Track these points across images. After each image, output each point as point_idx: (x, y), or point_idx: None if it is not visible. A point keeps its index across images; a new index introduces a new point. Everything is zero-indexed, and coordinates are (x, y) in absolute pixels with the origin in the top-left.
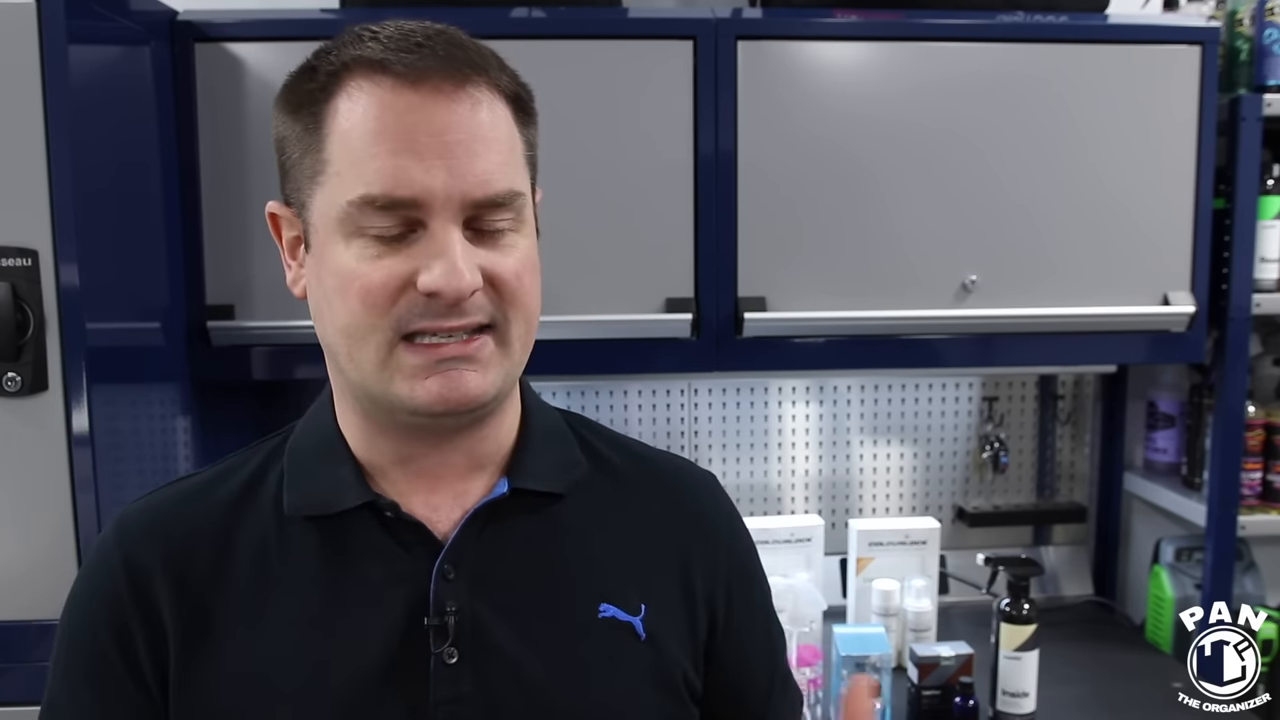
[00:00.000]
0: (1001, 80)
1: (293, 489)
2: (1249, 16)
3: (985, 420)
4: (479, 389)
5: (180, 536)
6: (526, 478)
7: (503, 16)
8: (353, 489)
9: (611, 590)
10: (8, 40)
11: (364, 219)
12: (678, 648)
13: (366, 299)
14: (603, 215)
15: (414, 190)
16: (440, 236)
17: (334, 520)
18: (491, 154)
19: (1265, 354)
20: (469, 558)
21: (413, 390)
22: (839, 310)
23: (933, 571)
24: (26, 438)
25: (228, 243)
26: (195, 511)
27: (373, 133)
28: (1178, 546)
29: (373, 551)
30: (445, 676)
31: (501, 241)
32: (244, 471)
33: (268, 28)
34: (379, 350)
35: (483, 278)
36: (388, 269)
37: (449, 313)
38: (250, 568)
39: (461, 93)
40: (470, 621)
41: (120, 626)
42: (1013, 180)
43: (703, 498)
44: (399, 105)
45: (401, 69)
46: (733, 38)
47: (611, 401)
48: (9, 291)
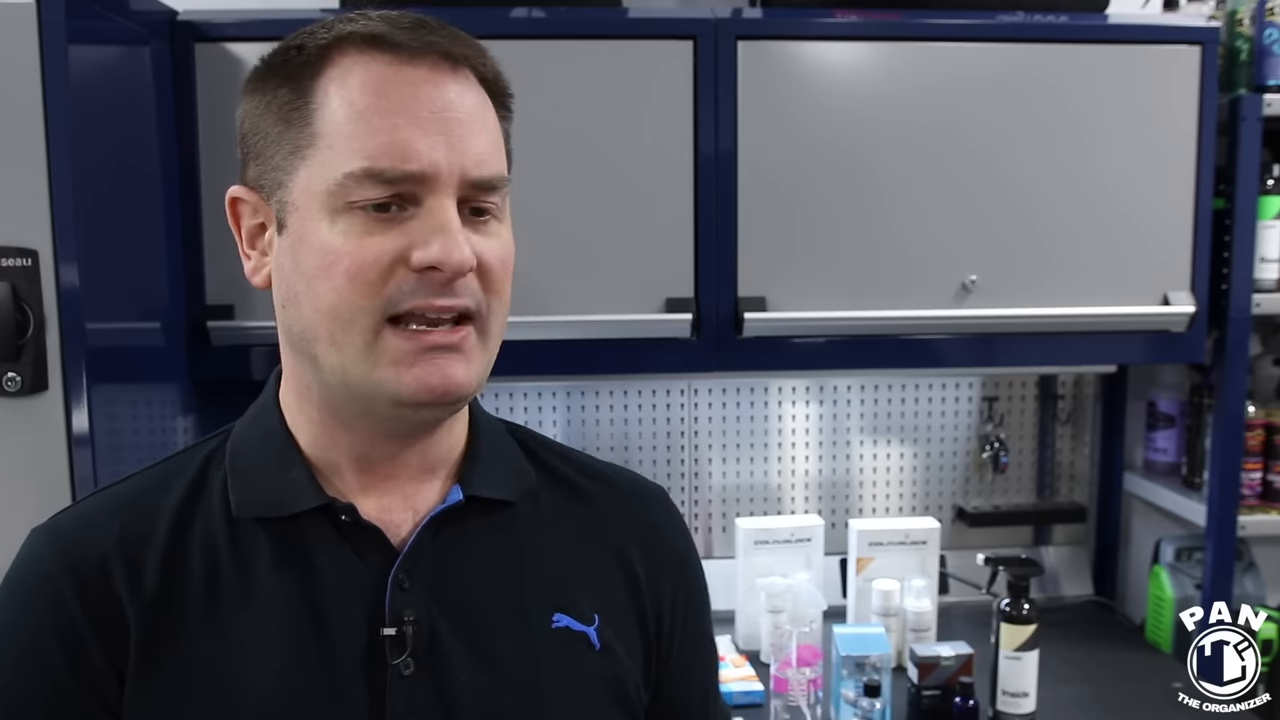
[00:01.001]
0: (1001, 80)
1: (240, 491)
2: (1249, 16)
3: (985, 420)
4: (463, 379)
5: (130, 541)
6: (480, 485)
7: (503, 16)
8: (306, 490)
9: (565, 600)
10: (8, 40)
11: (360, 192)
12: (629, 658)
13: (356, 277)
14: (603, 215)
15: (421, 164)
16: (438, 212)
17: (286, 523)
18: (485, 136)
19: (1265, 354)
20: (424, 567)
21: (398, 377)
22: (839, 310)
23: (933, 571)
24: (26, 438)
25: (228, 243)
26: (140, 516)
27: (373, 105)
28: (1178, 546)
29: (327, 557)
30: (402, 688)
31: (488, 227)
32: (185, 476)
33: (268, 28)
34: (365, 334)
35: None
36: (379, 246)
37: (441, 292)
38: (202, 572)
39: (458, 73)
40: (427, 632)
41: (74, 652)
42: (1013, 180)
43: (656, 510)
44: (400, 79)
45: (401, 43)
46: (733, 38)
47: (611, 401)
48: (9, 291)
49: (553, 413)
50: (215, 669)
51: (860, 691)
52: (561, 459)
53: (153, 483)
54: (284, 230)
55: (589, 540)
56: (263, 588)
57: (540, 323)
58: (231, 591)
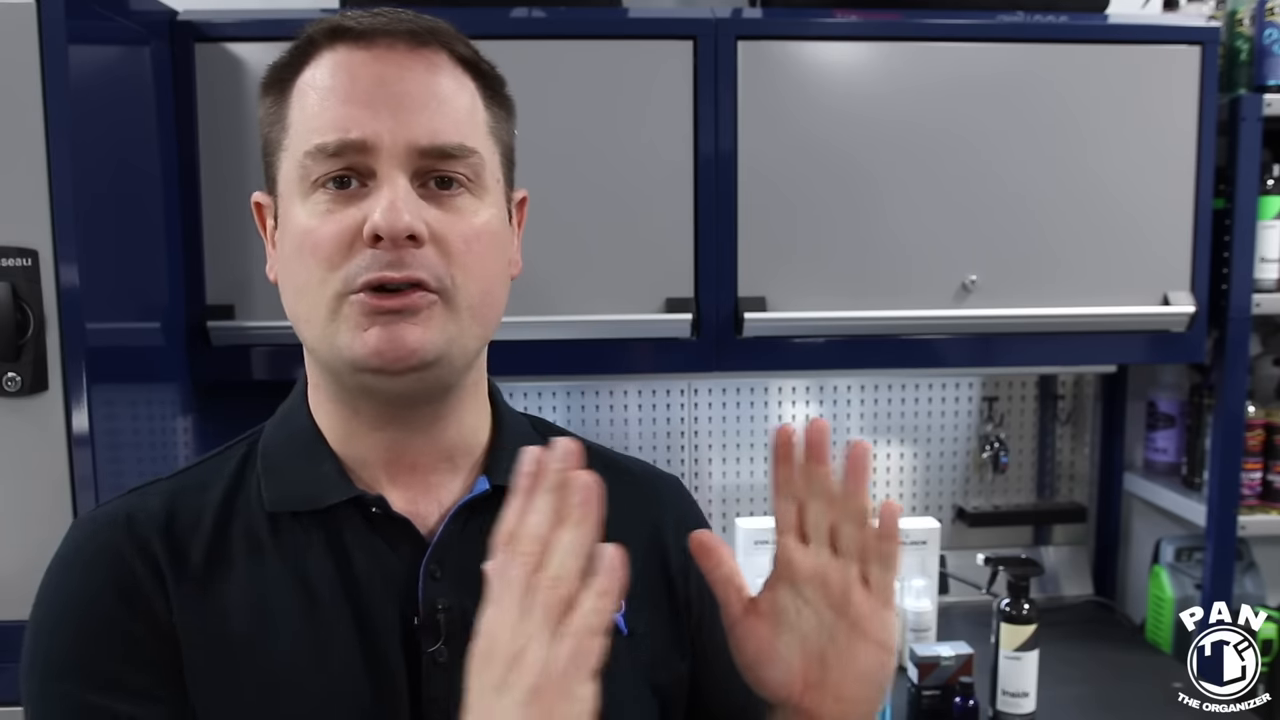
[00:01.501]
0: (1001, 80)
1: (274, 488)
2: (1249, 16)
3: (985, 420)
4: (417, 342)
5: (175, 529)
6: (505, 475)
7: (503, 16)
8: (337, 484)
9: None
10: (8, 40)
11: (317, 168)
12: (659, 643)
13: (317, 252)
14: (603, 215)
15: (362, 133)
16: (385, 183)
17: (320, 516)
18: (444, 109)
19: (1265, 354)
20: (453, 556)
21: (352, 341)
22: (839, 310)
23: (933, 571)
24: (26, 438)
25: (228, 243)
26: (184, 507)
27: (326, 88)
28: (1178, 546)
29: (360, 548)
30: (437, 675)
31: (454, 203)
32: (223, 476)
33: (268, 28)
34: (328, 304)
35: (431, 236)
36: (338, 221)
37: (394, 263)
38: (244, 560)
39: (417, 54)
40: (459, 620)
41: (137, 605)
42: (1013, 180)
43: (674, 497)
44: (352, 63)
45: (357, 30)
46: (733, 38)
47: (611, 401)
48: (9, 291)
49: (553, 413)
50: (260, 652)
51: None
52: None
53: (192, 482)
54: (278, 222)
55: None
56: (304, 576)
57: (540, 323)
58: (274, 579)
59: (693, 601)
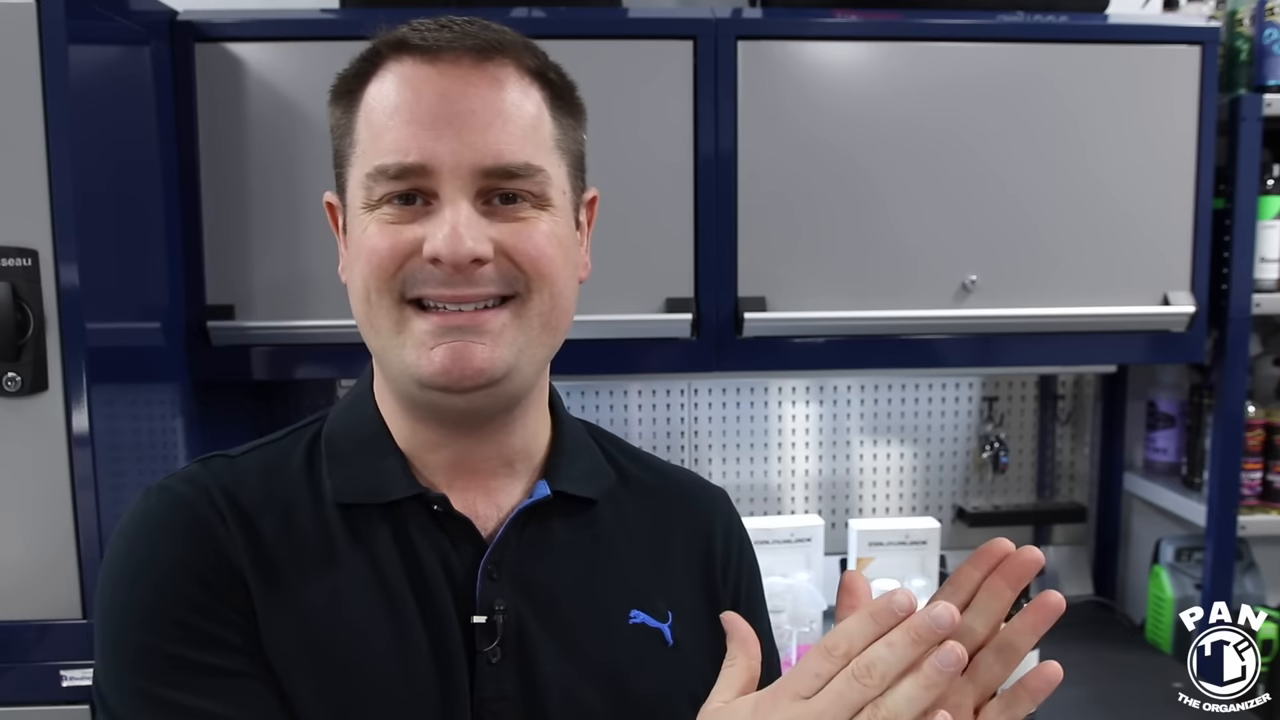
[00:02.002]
0: (1001, 80)
1: (338, 476)
2: (1249, 16)
3: (985, 420)
4: (485, 362)
5: (245, 503)
6: (566, 482)
7: (503, 16)
8: (400, 480)
9: (641, 597)
10: (8, 40)
11: (379, 188)
12: (703, 656)
13: (372, 261)
14: (603, 215)
15: (422, 156)
16: (447, 206)
17: (384, 510)
18: (508, 127)
19: (1265, 354)
20: (510, 558)
21: (419, 359)
22: (839, 310)
23: (933, 571)
24: (26, 438)
25: (228, 243)
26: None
27: (391, 106)
28: (1178, 546)
29: (423, 544)
30: (490, 675)
31: (519, 216)
32: (292, 459)
33: (268, 28)
34: (390, 313)
35: (497, 250)
36: (397, 235)
37: (457, 282)
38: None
39: (481, 69)
40: (515, 622)
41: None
42: (1013, 180)
43: (724, 510)
44: (416, 79)
45: (422, 46)
46: (733, 38)
47: (611, 401)
48: (9, 291)
49: None
50: (335, 631)
51: None
52: (632, 459)
53: (266, 465)
54: (346, 230)
55: (660, 540)
56: (375, 565)
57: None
58: (346, 566)
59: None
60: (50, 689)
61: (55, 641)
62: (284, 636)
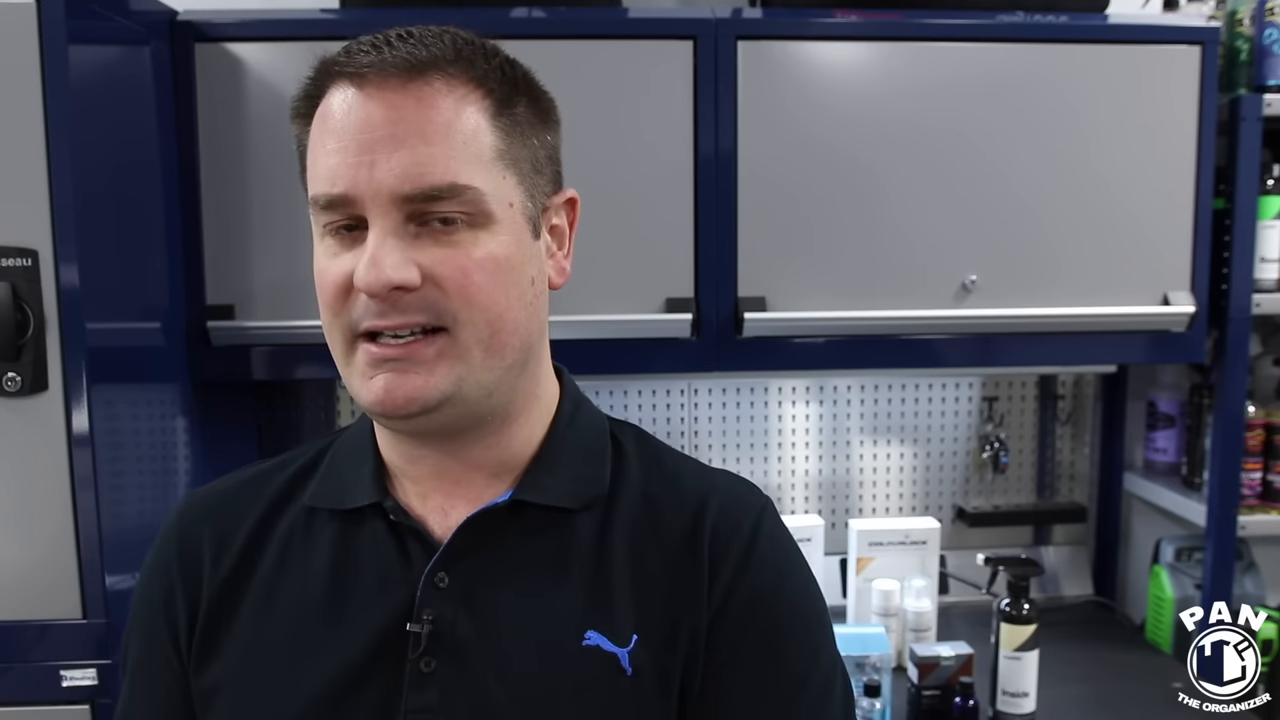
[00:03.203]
0: (1002, 80)
1: (319, 483)
2: (1249, 16)
3: (985, 420)
4: (417, 390)
5: (229, 519)
6: (532, 491)
7: (503, 16)
8: (367, 488)
9: (603, 618)
10: (8, 40)
11: (320, 218)
12: (663, 685)
13: (324, 296)
14: (603, 215)
15: (345, 186)
16: (369, 234)
17: (348, 516)
18: (431, 147)
19: (1265, 354)
20: (463, 567)
21: (361, 387)
22: (839, 310)
23: (933, 571)
24: (26, 438)
25: (228, 243)
26: (248, 498)
27: (322, 134)
28: (1178, 546)
29: (375, 551)
30: (417, 685)
31: (450, 239)
32: (297, 464)
33: (268, 28)
34: (341, 346)
35: (425, 277)
36: (339, 268)
37: (383, 312)
38: (275, 555)
39: (406, 90)
40: (450, 632)
41: (168, 595)
42: (1013, 180)
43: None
44: (345, 105)
45: (352, 71)
46: (733, 38)
47: (611, 401)
48: (9, 291)
49: None
50: (260, 645)
51: (860, 691)
52: (658, 465)
53: (276, 468)
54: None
55: (648, 556)
56: (315, 574)
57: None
58: (289, 576)
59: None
60: (50, 689)
61: (55, 641)
62: (218, 677)
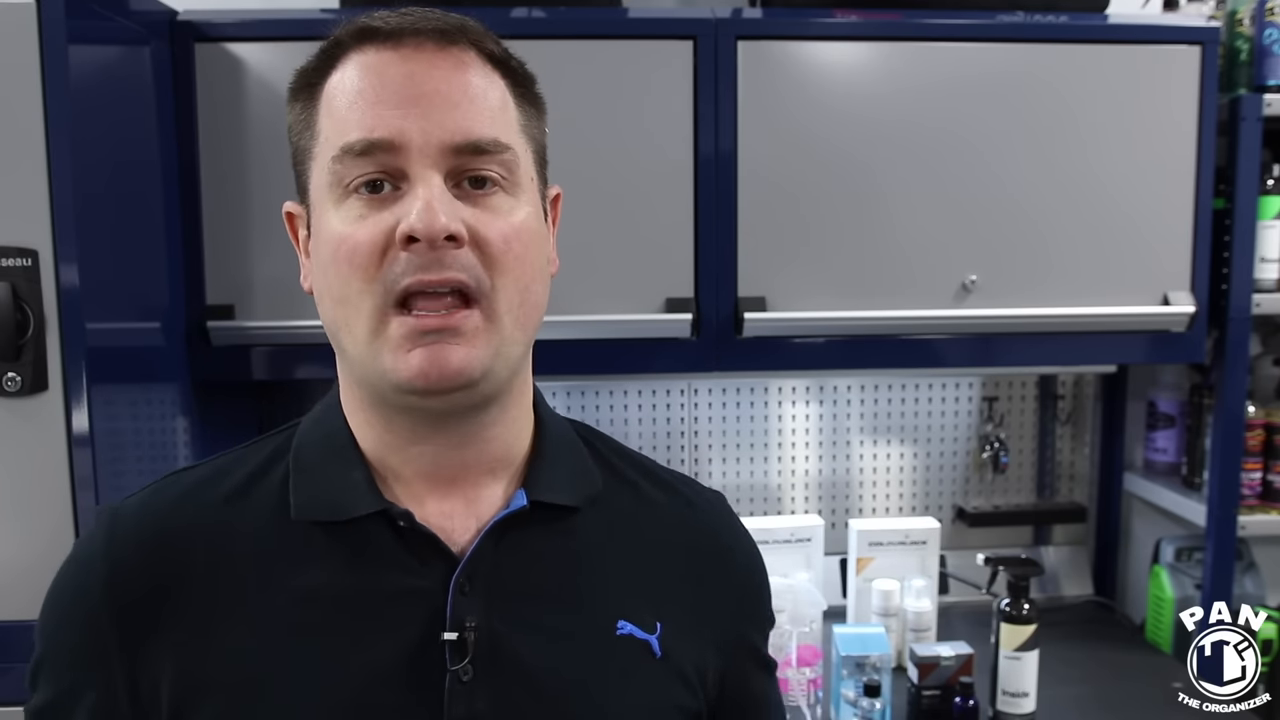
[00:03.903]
0: (1001, 80)
1: (300, 491)
2: (1249, 16)
3: (985, 420)
4: (462, 363)
5: (174, 537)
6: (544, 490)
7: (503, 16)
8: (365, 495)
9: (628, 607)
10: (8, 40)
11: (346, 171)
12: (691, 669)
13: (354, 259)
14: (603, 215)
15: (389, 132)
16: (419, 183)
17: (344, 527)
18: (475, 106)
19: (1265, 354)
20: (485, 572)
21: (396, 363)
22: (839, 310)
23: (933, 571)
24: (26, 438)
25: (228, 243)
26: (191, 510)
27: (355, 91)
28: (1178, 546)
29: (385, 562)
30: (461, 694)
31: (489, 201)
32: (245, 468)
33: (268, 28)
34: (370, 319)
35: (468, 234)
36: (372, 226)
37: (429, 265)
38: (249, 571)
39: (445, 52)
40: (487, 638)
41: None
42: (1013, 180)
43: (717, 518)
44: (379, 64)
45: (384, 31)
46: (733, 38)
47: (611, 401)
48: (9, 291)
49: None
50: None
51: (860, 691)
52: (626, 461)
53: (216, 475)
54: (310, 230)
55: (651, 547)
56: (314, 589)
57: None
58: (279, 593)
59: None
60: None
61: None
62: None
